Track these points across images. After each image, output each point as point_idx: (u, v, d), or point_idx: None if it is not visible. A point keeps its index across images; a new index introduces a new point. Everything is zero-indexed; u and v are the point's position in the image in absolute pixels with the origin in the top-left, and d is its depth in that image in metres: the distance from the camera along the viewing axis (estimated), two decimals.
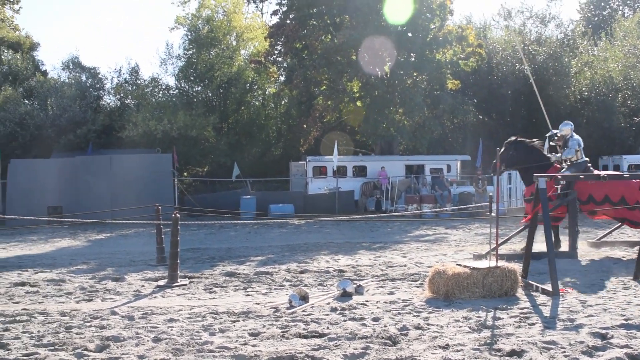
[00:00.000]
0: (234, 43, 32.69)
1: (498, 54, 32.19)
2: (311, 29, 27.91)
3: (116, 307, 7.83)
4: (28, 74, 32.55)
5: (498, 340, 5.92)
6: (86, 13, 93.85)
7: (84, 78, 33.33)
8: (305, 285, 9.13)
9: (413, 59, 27.62)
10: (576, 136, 12.64)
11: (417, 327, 6.49)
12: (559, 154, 12.65)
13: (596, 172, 12.55)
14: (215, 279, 10.01)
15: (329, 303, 7.83)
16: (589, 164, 12.62)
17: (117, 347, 5.91)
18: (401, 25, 26.85)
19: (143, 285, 9.56)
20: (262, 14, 39.96)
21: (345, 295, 8.26)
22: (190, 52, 31.91)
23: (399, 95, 26.93)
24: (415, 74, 27.53)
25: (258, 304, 7.89)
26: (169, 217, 10.57)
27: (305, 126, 29.83)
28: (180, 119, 28.76)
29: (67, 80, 32.89)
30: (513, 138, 12.95)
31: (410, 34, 27.32)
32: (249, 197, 23.88)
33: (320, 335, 6.22)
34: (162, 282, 9.60)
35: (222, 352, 5.61)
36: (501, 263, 8.24)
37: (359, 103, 28.50)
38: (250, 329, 6.50)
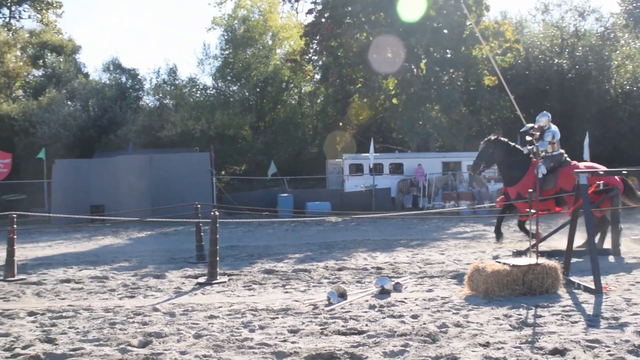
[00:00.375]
0: (270, 42, 32.88)
1: (535, 49, 31.68)
2: (346, 27, 27.92)
3: (158, 304, 7.96)
4: (70, 76, 33.32)
5: (540, 338, 5.85)
6: (126, 16, 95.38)
7: (123, 79, 33.99)
8: (343, 283, 9.15)
9: (449, 56, 27.39)
10: (553, 127, 12.38)
11: (457, 325, 6.45)
12: (532, 147, 12.32)
13: (573, 163, 12.27)
14: (254, 276, 10.10)
15: (367, 300, 7.84)
16: (565, 155, 12.33)
17: (160, 343, 6.01)
18: (437, 22, 26.66)
19: (183, 283, 9.70)
20: (297, 13, 40.15)
21: (383, 293, 8.25)
22: (227, 52, 32.22)
23: (435, 92, 26.75)
24: (451, 71, 27.31)
25: (297, 301, 7.94)
26: (208, 215, 10.69)
27: (341, 124, 29.84)
28: (217, 118, 29.09)
29: (107, 82, 33.60)
30: (492, 137, 12.74)
31: (445, 31, 27.10)
32: (286, 195, 24.04)
33: (359, 333, 6.23)
34: (202, 279, 9.73)
35: (262, 349, 5.67)
36: (542, 260, 8.13)
37: (394, 100, 28.41)
38: (289, 326, 6.55)
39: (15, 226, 10.93)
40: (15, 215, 11.02)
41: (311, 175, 30.42)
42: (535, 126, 12.33)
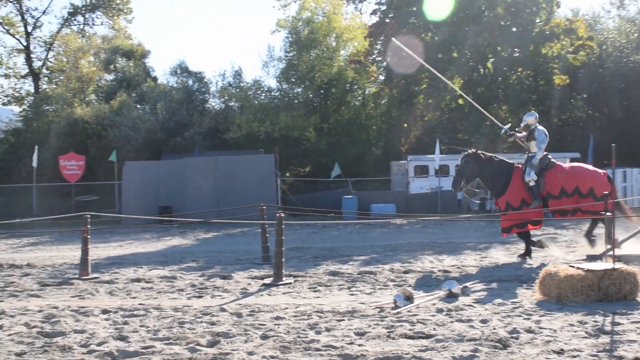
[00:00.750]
0: (334, 44, 32.88)
1: (610, 46, 30.56)
2: (411, 28, 27.65)
3: (225, 304, 8.05)
4: (140, 80, 34.25)
5: (619, 346, 5.59)
6: (192, 20, 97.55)
7: (190, 82, 34.64)
8: (410, 286, 9.02)
9: (517, 54, 26.75)
10: (540, 127, 12.09)
11: (529, 331, 6.25)
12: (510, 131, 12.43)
13: (558, 164, 11.94)
14: (320, 278, 10.09)
15: (434, 304, 7.70)
16: (550, 157, 11.93)
17: (227, 343, 6.06)
18: (504, 20, 26.08)
19: (249, 283, 9.78)
20: (361, 13, 39.92)
21: (451, 296, 8.09)
22: (291, 54, 32.39)
23: (503, 91, 26.16)
24: (519, 70, 26.65)
25: (363, 303, 7.87)
26: (273, 217, 10.75)
27: (405, 125, 29.56)
28: (282, 120, 29.30)
29: (175, 85, 34.32)
30: (471, 150, 12.42)
31: (514, 29, 26.47)
32: (350, 196, 23.97)
33: (427, 337, 6.12)
34: (267, 281, 9.79)
35: (328, 351, 5.64)
36: (619, 265, 7.79)
37: (460, 101, 27.95)
38: (355, 329, 6.49)
39: (89, 226, 11.27)
40: (89, 216, 11.36)
41: (375, 177, 30.25)
42: (522, 125, 12.22)
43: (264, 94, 33.20)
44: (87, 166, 28.82)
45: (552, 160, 11.88)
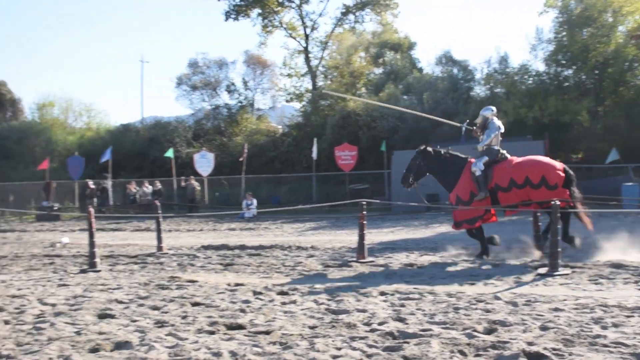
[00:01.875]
0: (610, 19, 30.23)
1: None
2: None
3: (499, 292, 7.98)
4: (406, 71, 35.26)
5: None
6: (456, 9, 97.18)
7: (455, 71, 34.70)
8: None
9: None
10: (496, 121, 11.79)
11: None
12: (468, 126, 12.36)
13: (510, 157, 11.49)
14: (600, 269, 9.46)
15: None
16: (503, 152, 11.62)
17: (505, 332, 6.02)
18: None
19: (523, 272, 9.56)
20: None
21: None
22: (562, 34, 30.58)
23: None
24: None
25: None
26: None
27: None
28: (551, 104, 27.92)
29: (440, 75, 34.66)
30: (422, 147, 12.20)
31: None
32: (631, 184, 21.97)
33: None
34: (542, 270, 9.46)
35: (618, 348, 5.28)
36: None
37: None
38: None
39: (364, 213, 11.99)
40: (364, 203, 12.09)
41: None
42: (478, 120, 12.04)
43: (531, 79, 31.85)
44: (359, 156, 30.52)
45: (504, 154, 11.59)
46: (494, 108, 12.25)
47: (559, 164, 11.18)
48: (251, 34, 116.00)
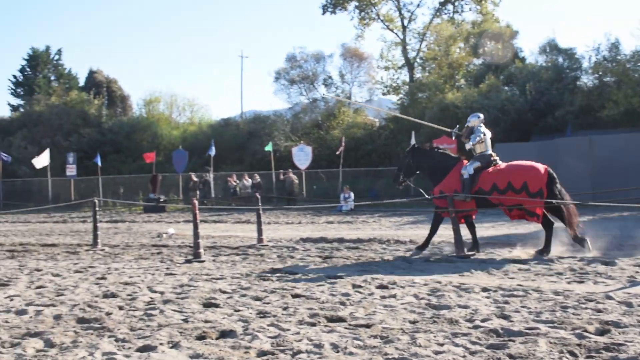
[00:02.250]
0: None
1: None
2: None
3: (610, 292, 7.57)
4: (507, 61, 34.20)
5: None
6: None
7: (560, 60, 33.32)
8: None
9: None
10: (483, 128, 11.91)
11: None
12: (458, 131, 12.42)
13: (500, 163, 11.59)
14: None
15: None
16: (495, 157, 11.75)
17: (619, 333, 5.70)
18: None
19: (637, 271, 9.04)
20: None
21: None
22: None
23: None
24: None
25: None
26: None
27: None
28: None
29: (543, 64, 33.38)
30: (412, 145, 12.24)
31: None
32: None
33: None
34: None
35: None
36: None
37: None
38: None
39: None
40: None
41: None
42: (466, 126, 12.05)
43: None
44: (457, 149, 29.92)
45: (496, 160, 11.69)
46: (481, 115, 12.40)
47: (542, 167, 11.20)
48: (348, 27, 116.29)
